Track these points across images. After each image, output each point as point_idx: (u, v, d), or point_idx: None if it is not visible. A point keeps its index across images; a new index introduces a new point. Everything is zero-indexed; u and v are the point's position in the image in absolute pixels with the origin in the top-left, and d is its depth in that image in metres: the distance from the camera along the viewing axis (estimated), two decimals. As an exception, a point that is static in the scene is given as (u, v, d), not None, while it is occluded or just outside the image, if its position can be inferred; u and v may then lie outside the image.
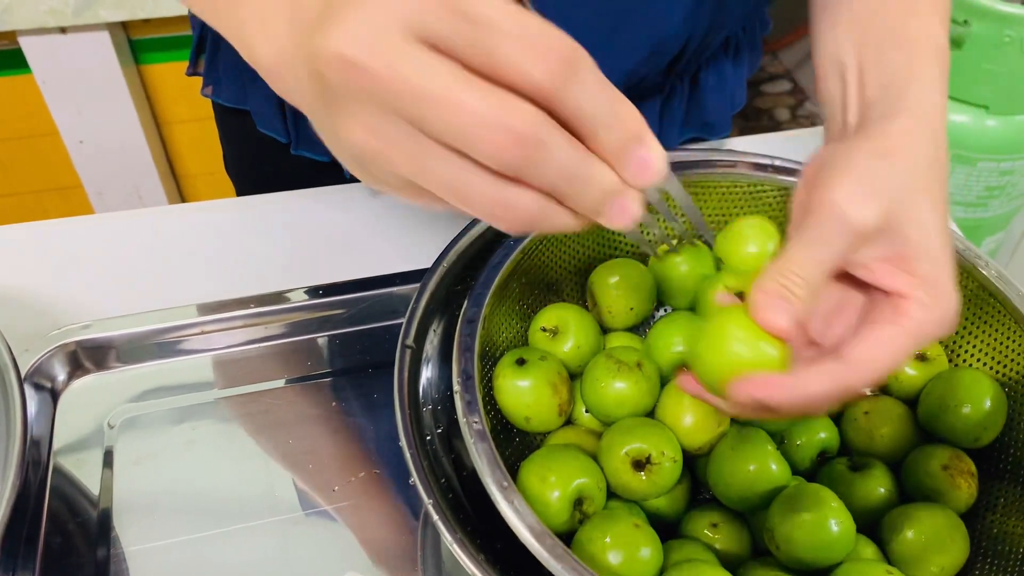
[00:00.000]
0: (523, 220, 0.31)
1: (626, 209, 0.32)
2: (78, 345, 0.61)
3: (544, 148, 0.29)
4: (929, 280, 0.39)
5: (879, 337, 0.38)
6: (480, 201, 0.30)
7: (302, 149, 0.71)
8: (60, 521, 0.55)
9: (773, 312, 0.37)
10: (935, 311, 0.39)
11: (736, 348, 0.38)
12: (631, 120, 0.31)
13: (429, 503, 0.45)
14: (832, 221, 0.39)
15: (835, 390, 0.37)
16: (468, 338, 0.49)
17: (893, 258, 0.40)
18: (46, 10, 1.39)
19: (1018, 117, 1.46)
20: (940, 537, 0.47)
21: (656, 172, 0.32)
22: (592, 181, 0.31)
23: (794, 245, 0.39)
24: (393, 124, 0.29)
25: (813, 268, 0.38)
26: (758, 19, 0.77)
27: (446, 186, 0.30)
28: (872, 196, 0.39)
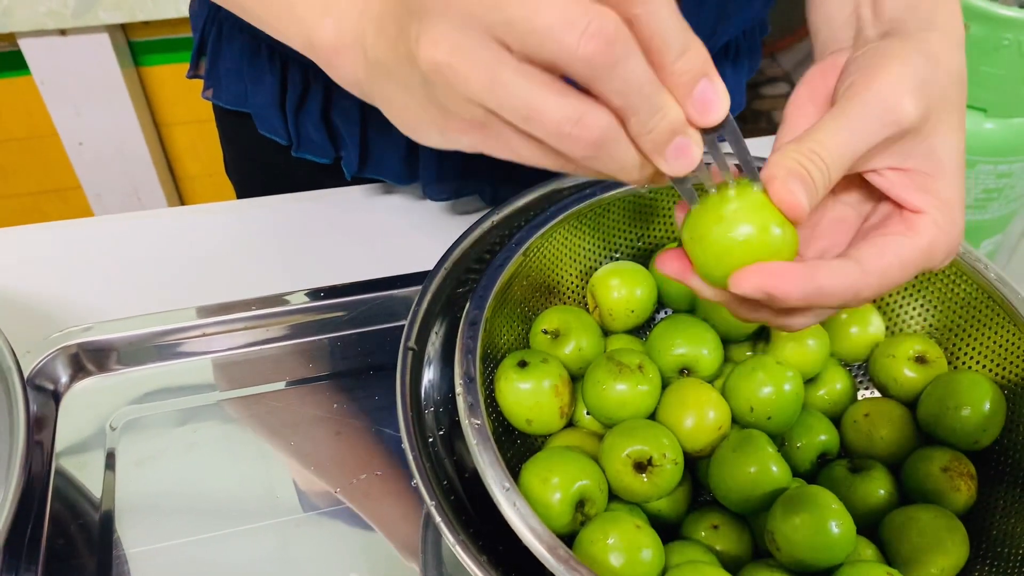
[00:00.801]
0: (592, 140, 0.30)
1: (688, 151, 0.31)
2: (80, 347, 0.61)
3: (624, 57, 0.29)
4: (945, 200, 0.38)
5: (893, 245, 0.37)
6: (551, 116, 0.30)
7: (303, 151, 0.71)
8: (62, 523, 0.55)
9: (791, 188, 0.34)
10: (947, 232, 0.37)
11: (742, 228, 0.33)
12: (702, 55, 0.31)
13: (432, 505, 0.45)
14: (874, 107, 0.36)
15: (847, 291, 0.35)
16: (470, 340, 0.49)
17: (913, 171, 0.38)
18: (45, 12, 1.39)
19: (1016, 120, 1.45)
20: (940, 538, 0.47)
21: (721, 109, 0.31)
22: (662, 109, 0.30)
23: (825, 127, 0.36)
24: (474, 37, 0.30)
25: (841, 154, 0.36)
26: (757, 23, 0.77)
27: (518, 101, 0.30)
28: (918, 91, 0.37)
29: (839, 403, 0.56)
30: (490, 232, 0.59)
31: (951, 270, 0.56)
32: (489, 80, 0.30)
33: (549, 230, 0.56)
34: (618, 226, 0.60)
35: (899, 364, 0.55)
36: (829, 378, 0.56)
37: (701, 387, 0.52)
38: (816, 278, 0.34)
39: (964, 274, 0.55)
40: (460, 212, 0.74)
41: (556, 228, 0.57)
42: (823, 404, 0.56)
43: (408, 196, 0.75)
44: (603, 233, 0.60)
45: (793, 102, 0.42)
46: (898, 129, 0.37)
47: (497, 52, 0.30)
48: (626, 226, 0.61)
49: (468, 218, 0.74)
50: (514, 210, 0.60)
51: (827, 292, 0.34)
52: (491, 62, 0.30)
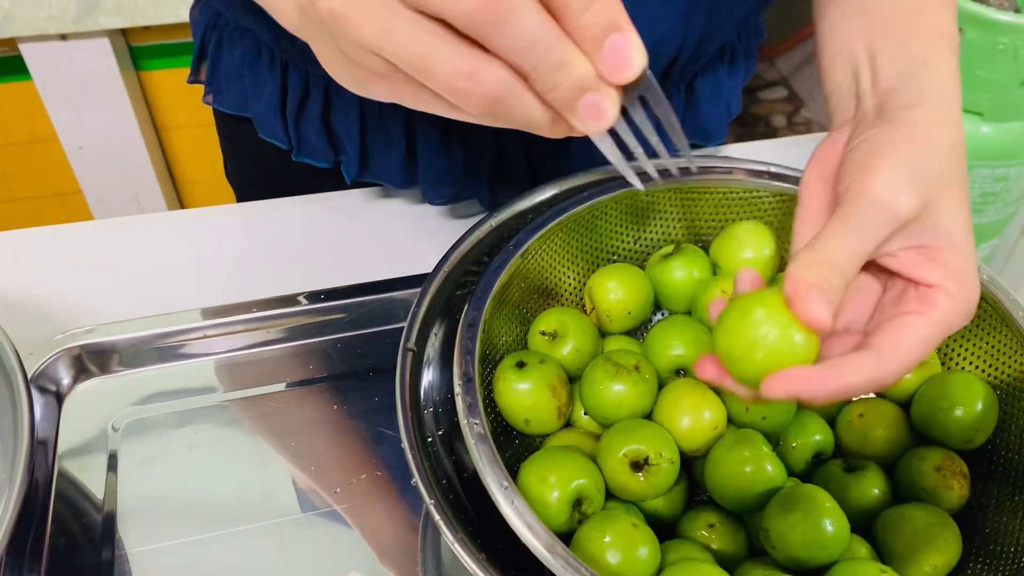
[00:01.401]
0: (488, 95, 0.29)
1: (600, 108, 0.30)
2: (82, 349, 0.62)
3: (515, 10, 0.28)
4: (956, 269, 0.39)
5: (911, 327, 0.38)
6: (444, 70, 0.29)
7: (303, 156, 0.71)
8: (65, 523, 0.55)
9: (813, 305, 0.36)
10: (962, 301, 0.39)
11: (769, 338, 0.36)
12: (610, 5, 0.29)
13: (431, 503, 0.46)
14: (874, 208, 0.38)
15: (870, 382, 0.36)
16: (469, 341, 0.50)
17: (921, 248, 0.40)
18: (46, 17, 1.40)
19: (1013, 124, 1.46)
20: (933, 536, 0.48)
21: (634, 65, 0.30)
22: (565, 65, 0.29)
23: (832, 233, 0.38)
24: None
25: (851, 258, 0.38)
26: (753, 26, 0.78)
27: (411, 53, 0.29)
28: (913, 184, 0.39)
29: (833, 403, 0.56)
30: (488, 235, 0.60)
31: (944, 272, 0.56)
32: (382, 30, 0.29)
33: (547, 232, 0.57)
34: (615, 228, 0.61)
35: (893, 365, 0.55)
36: (824, 379, 0.57)
37: (697, 387, 0.53)
38: (839, 378, 0.36)
39: (957, 276, 0.56)
40: (459, 215, 0.75)
41: (554, 230, 0.57)
42: (818, 404, 0.56)
43: (407, 199, 0.76)
44: (600, 235, 0.61)
45: (805, 183, 0.44)
46: (899, 224, 0.39)
47: (390, 2, 0.29)
48: (623, 228, 0.61)
49: (467, 221, 0.74)
50: (512, 213, 0.61)
51: (851, 388, 0.36)
52: (384, 11, 0.29)
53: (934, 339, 0.38)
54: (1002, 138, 1.48)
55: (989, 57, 1.38)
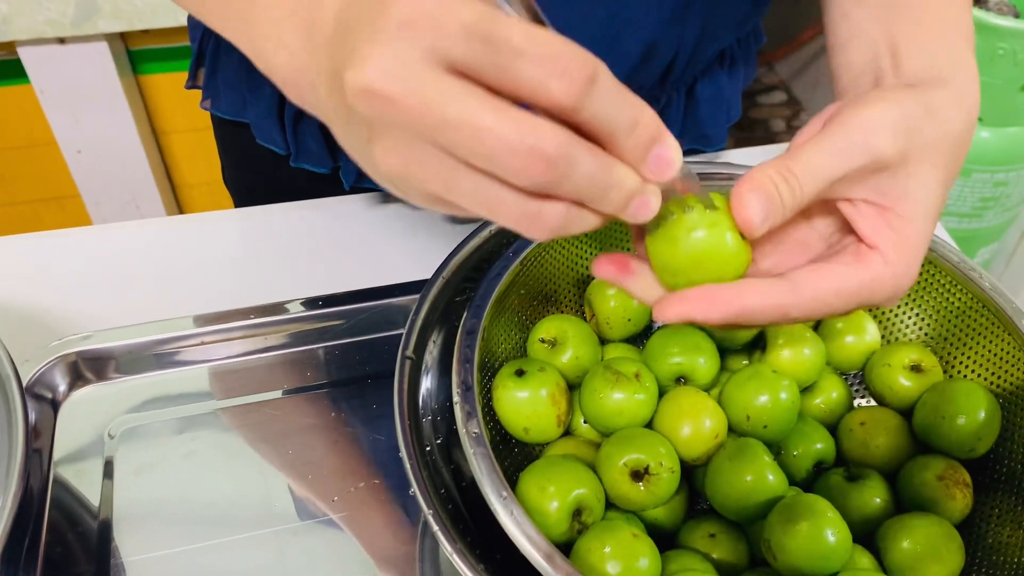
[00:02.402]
0: (551, 228, 0.32)
1: (647, 204, 0.33)
2: (79, 356, 0.62)
3: (571, 165, 0.30)
4: (904, 242, 0.38)
5: (832, 272, 0.37)
6: (510, 214, 0.31)
7: (301, 161, 0.71)
8: (60, 531, 0.55)
9: (752, 206, 0.36)
10: (894, 276, 0.38)
11: (697, 237, 0.36)
12: (650, 123, 0.32)
13: (429, 513, 0.45)
14: (854, 135, 0.37)
15: (773, 309, 0.36)
16: (468, 349, 0.50)
17: (882, 207, 0.39)
18: (44, 20, 1.40)
19: (1011, 129, 1.47)
20: (936, 547, 0.47)
21: (676, 168, 0.33)
22: (617, 186, 0.32)
23: (804, 148, 0.37)
24: (423, 149, 0.30)
25: (813, 177, 0.37)
26: (752, 31, 0.78)
27: (476, 202, 0.31)
28: (902, 133, 0.38)
29: (835, 411, 0.56)
30: (487, 241, 0.60)
31: (946, 279, 0.56)
32: (446, 184, 0.31)
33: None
34: (615, 235, 0.61)
35: (895, 373, 0.55)
36: (825, 386, 0.57)
37: (697, 396, 0.52)
38: (741, 298, 0.36)
39: (959, 283, 0.55)
40: (457, 222, 0.74)
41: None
42: (819, 412, 0.56)
43: (405, 206, 0.75)
44: (600, 242, 0.60)
45: (801, 131, 0.42)
46: (871, 160, 0.37)
47: (450, 163, 0.30)
48: (623, 235, 0.61)
49: (465, 228, 0.74)
50: (511, 219, 0.60)
51: (752, 311, 0.36)
52: (445, 170, 0.31)
53: (852, 295, 0.37)
54: (1001, 143, 1.48)
55: (989, 62, 1.39)
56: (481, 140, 0.29)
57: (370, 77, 0.29)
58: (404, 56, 0.29)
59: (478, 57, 0.29)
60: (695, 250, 0.36)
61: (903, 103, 0.39)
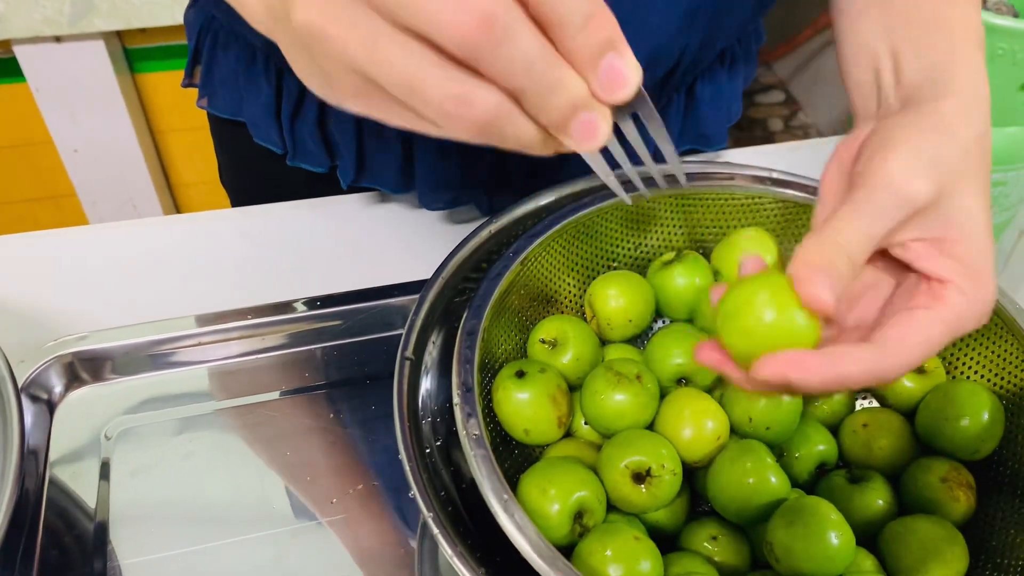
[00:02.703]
0: (480, 120, 0.28)
1: (593, 127, 0.30)
2: (75, 356, 0.61)
3: (509, 34, 0.27)
4: (970, 266, 0.38)
5: (916, 323, 0.36)
6: (434, 93, 0.28)
7: (298, 160, 0.71)
8: (56, 533, 0.54)
9: (818, 286, 0.34)
10: (974, 300, 0.37)
11: (769, 317, 0.35)
12: (606, 25, 0.29)
13: (429, 516, 0.45)
14: (887, 193, 0.37)
15: (869, 375, 0.35)
16: (468, 350, 0.49)
17: (934, 240, 0.38)
18: (41, 19, 1.39)
19: (1010, 129, 1.46)
20: (940, 549, 0.47)
21: (629, 85, 0.29)
22: (559, 86, 0.28)
23: (843, 216, 0.37)
24: (349, 4, 0.28)
25: (861, 241, 0.36)
26: (753, 31, 0.77)
27: (398, 74, 0.28)
28: (928, 170, 0.37)
29: (837, 413, 0.56)
30: (487, 241, 0.59)
31: (949, 280, 0.56)
32: (366, 48, 0.28)
33: (547, 239, 0.56)
34: (615, 235, 0.60)
35: (897, 374, 0.55)
36: (827, 388, 0.56)
37: (699, 397, 0.52)
38: (836, 366, 0.34)
39: (962, 284, 0.55)
40: (456, 221, 0.74)
41: (553, 237, 0.57)
42: (821, 414, 0.56)
43: (404, 205, 0.75)
44: (600, 242, 0.60)
45: (825, 177, 0.42)
46: (912, 209, 0.37)
47: (373, 18, 0.28)
48: (623, 235, 0.61)
49: (464, 227, 0.74)
50: (511, 219, 0.60)
51: (847, 378, 0.35)
52: (368, 29, 0.28)
53: (941, 337, 0.37)
54: (1000, 142, 1.48)
55: (988, 62, 1.38)
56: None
57: None
58: None
59: None
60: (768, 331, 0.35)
61: (921, 139, 0.39)
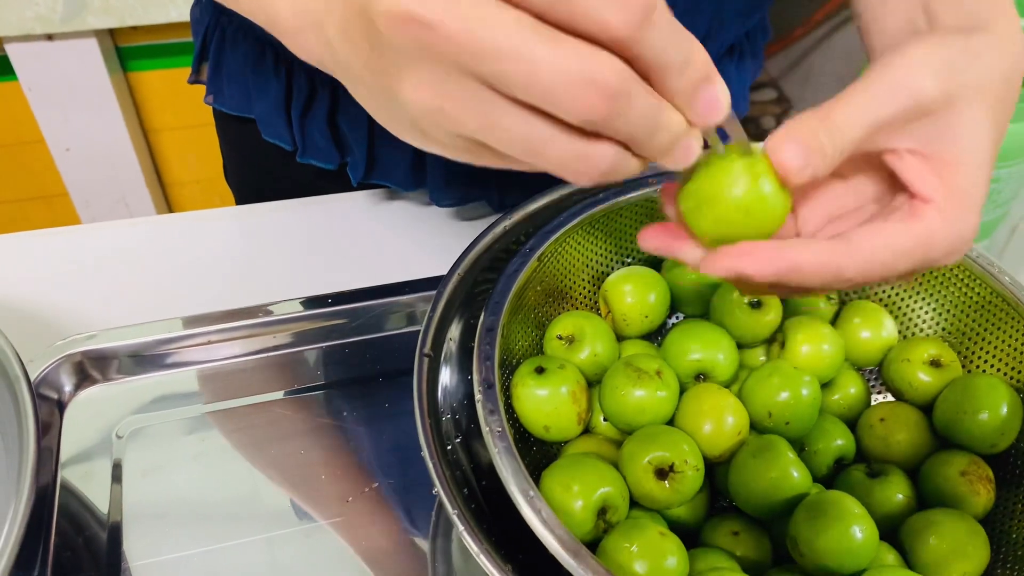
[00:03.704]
0: (600, 172, 0.30)
1: (690, 149, 0.32)
2: (84, 355, 0.60)
3: (628, 101, 0.28)
4: (956, 192, 0.36)
5: (884, 230, 0.36)
6: (557, 156, 0.29)
7: (308, 157, 0.70)
8: (69, 534, 0.54)
9: (788, 151, 0.34)
10: (951, 226, 0.36)
11: (736, 187, 0.34)
12: (702, 61, 0.30)
13: (454, 513, 0.45)
14: (892, 80, 0.36)
15: (826, 269, 0.34)
16: (488, 347, 0.49)
17: (929, 155, 0.37)
18: (33, 16, 1.38)
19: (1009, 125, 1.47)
20: (961, 543, 0.47)
21: (724, 111, 0.31)
22: (665, 127, 0.30)
23: (841, 97, 0.36)
24: (462, 82, 0.28)
25: (853, 123, 0.35)
26: (760, 26, 0.77)
27: (519, 143, 0.29)
28: (940, 72, 0.36)
29: (854, 408, 0.56)
30: (501, 238, 0.59)
31: (963, 273, 0.56)
32: (484, 122, 0.29)
33: (563, 235, 0.56)
34: (630, 230, 0.60)
35: (914, 368, 0.55)
36: (843, 383, 0.56)
37: (719, 392, 0.52)
38: (789, 255, 0.34)
39: (976, 277, 0.55)
40: (466, 218, 0.74)
41: (569, 233, 0.56)
42: (838, 409, 0.56)
43: (414, 201, 0.74)
44: (615, 238, 0.60)
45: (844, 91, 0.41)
46: (914, 102, 0.36)
47: (491, 99, 0.28)
48: (637, 231, 0.60)
49: (473, 224, 0.73)
50: (525, 215, 0.60)
51: (803, 270, 0.34)
52: (486, 110, 0.28)
53: (909, 252, 0.36)
54: (994, 139, 1.49)
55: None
56: (534, 71, 0.27)
57: (407, 1, 0.27)
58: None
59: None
60: (732, 199, 0.34)
61: (944, 44, 0.37)
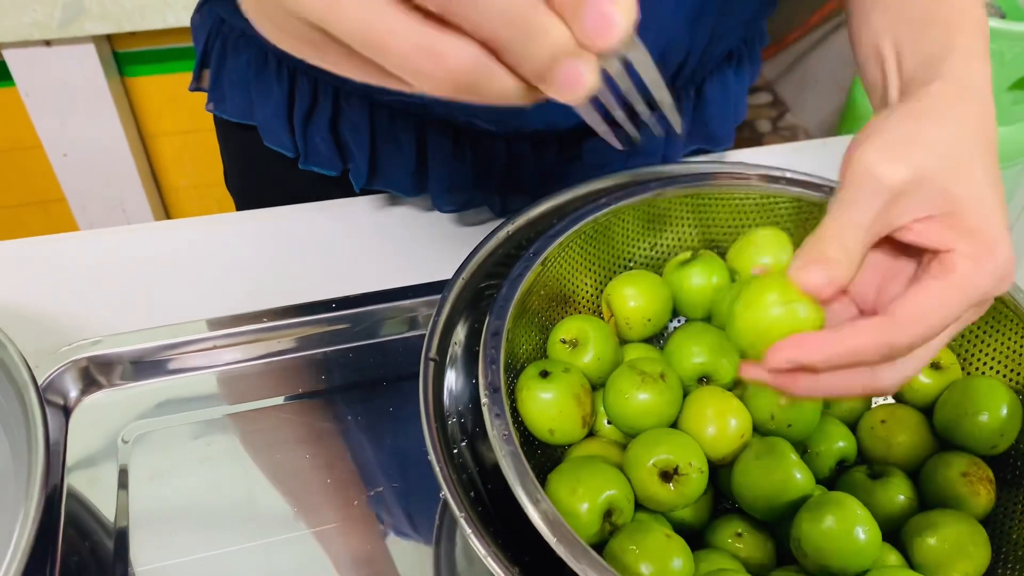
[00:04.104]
0: (454, 76, 0.26)
1: (578, 76, 0.26)
2: (89, 361, 0.61)
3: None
4: (974, 232, 0.38)
5: (925, 291, 0.37)
6: (401, 48, 0.25)
7: (310, 164, 0.70)
8: (75, 539, 0.54)
9: (808, 272, 0.37)
10: (983, 261, 0.38)
11: (771, 311, 0.37)
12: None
13: (461, 516, 0.45)
14: (862, 181, 0.38)
15: (880, 346, 0.36)
16: (493, 351, 0.49)
17: (937, 217, 0.39)
18: (31, 22, 1.38)
19: (999, 128, 1.48)
20: (963, 544, 0.48)
21: (619, 31, 0.26)
22: (539, 33, 0.25)
23: (830, 212, 0.39)
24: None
25: (849, 231, 0.38)
26: (758, 32, 0.78)
27: (360, 28, 0.25)
28: (902, 153, 0.38)
29: (854, 410, 0.56)
30: (504, 242, 0.59)
31: (962, 277, 0.56)
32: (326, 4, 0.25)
33: (565, 240, 0.56)
34: (631, 235, 0.60)
35: (914, 370, 0.55)
36: (844, 385, 0.57)
37: (722, 395, 0.52)
38: (843, 340, 0.36)
39: (976, 281, 0.56)
40: (468, 223, 0.74)
41: (572, 237, 0.57)
42: (839, 411, 0.56)
43: (416, 207, 0.75)
44: (617, 242, 0.60)
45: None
46: (889, 193, 0.38)
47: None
48: (639, 235, 0.61)
49: (475, 229, 0.74)
50: (528, 220, 0.60)
51: (859, 350, 0.36)
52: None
53: (953, 301, 0.37)
54: (988, 142, 1.50)
55: (975, 62, 1.40)
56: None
57: None
58: None
59: None
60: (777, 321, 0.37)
61: (896, 125, 0.40)
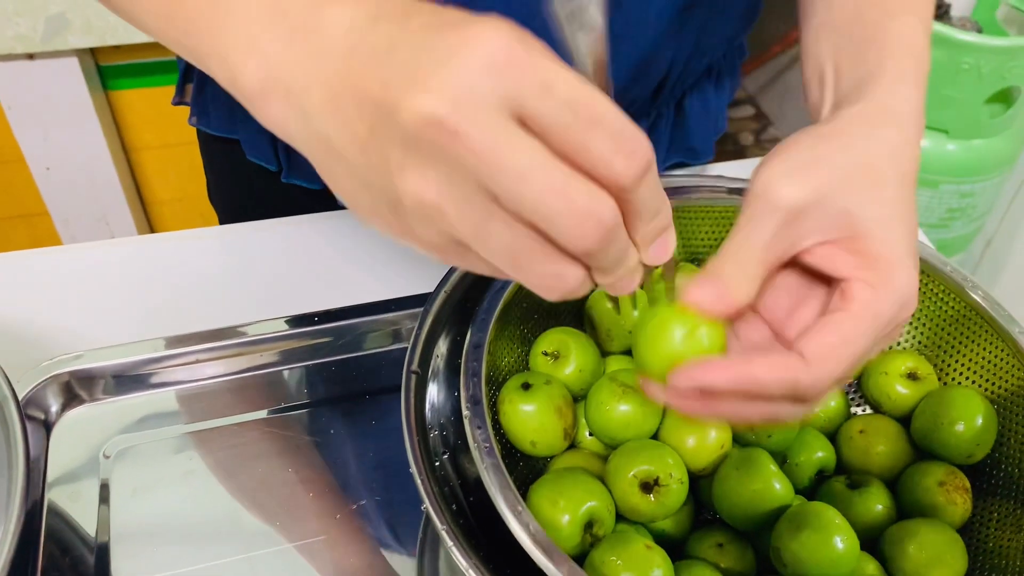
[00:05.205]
0: (566, 292, 0.33)
1: (633, 283, 0.35)
2: (71, 375, 0.60)
3: (615, 238, 0.31)
4: (871, 257, 0.38)
5: (828, 327, 0.37)
6: (539, 272, 0.31)
7: (293, 177, 0.71)
8: (56, 555, 0.54)
9: (698, 288, 0.38)
10: (881, 289, 0.37)
11: (670, 336, 0.38)
12: (667, 214, 0.34)
13: (443, 529, 0.45)
14: (758, 202, 0.38)
15: (783, 382, 0.36)
16: (475, 363, 0.50)
17: (837, 241, 0.39)
18: (14, 36, 1.38)
19: (976, 141, 1.50)
20: (940, 552, 0.48)
21: (671, 254, 0.35)
22: (626, 262, 0.33)
23: (732, 233, 0.39)
24: (469, 189, 0.29)
25: (744, 251, 0.38)
26: (737, 47, 0.79)
27: (506, 255, 0.31)
28: (800, 174, 0.38)
29: (834, 420, 0.57)
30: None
31: (938, 287, 0.57)
32: (476, 229, 0.30)
33: (547, 253, 0.57)
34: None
35: (892, 381, 0.56)
36: (823, 396, 0.57)
37: (702, 407, 0.53)
38: (747, 369, 0.36)
39: (951, 291, 0.56)
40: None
41: (553, 251, 0.57)
42: (818, 421, 0.57)
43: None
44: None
45: None
46: (785, 214, 0.38)
47: (490, 206, 0.30)
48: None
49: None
50: (509, 233, 0.61)
51: (760, 382, 0.36)
52: (481, 212, 0.30)
53: (857, 335, 0.37)
54: (967, 155, 1.51)
55: (953, 76, 1.42)
56: (544, 196, 0.29)
57: (442, 107, 0.28)
58: (481, 95, 0.28)
59: (553, 116, 0.29)
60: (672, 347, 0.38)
61: (797, 146, 0.40)
